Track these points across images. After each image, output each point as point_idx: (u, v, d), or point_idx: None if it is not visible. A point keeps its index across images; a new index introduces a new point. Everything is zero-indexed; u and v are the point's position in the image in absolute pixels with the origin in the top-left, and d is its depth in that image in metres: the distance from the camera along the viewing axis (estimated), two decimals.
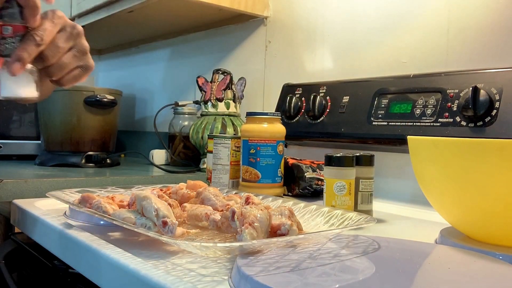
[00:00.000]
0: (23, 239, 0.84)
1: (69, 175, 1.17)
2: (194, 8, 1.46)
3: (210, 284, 0.45)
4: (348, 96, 1.12)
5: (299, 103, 1.22)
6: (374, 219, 0.61)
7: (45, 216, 0.74)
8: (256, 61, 1.49)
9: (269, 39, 1.45)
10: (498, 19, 0.93)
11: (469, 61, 0.96)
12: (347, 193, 0.79)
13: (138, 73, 2.10)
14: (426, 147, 0.60)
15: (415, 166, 0.64)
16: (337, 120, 1.12)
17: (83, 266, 0.60)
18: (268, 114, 1.01)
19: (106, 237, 0.62)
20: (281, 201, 0.78)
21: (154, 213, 0.57)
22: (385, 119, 1.02)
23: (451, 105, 0.91)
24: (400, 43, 1.09)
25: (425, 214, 0.91)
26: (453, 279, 0.44)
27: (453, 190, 0.58)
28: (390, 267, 0.47)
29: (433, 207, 0.64)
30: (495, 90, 0.86)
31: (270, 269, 0.44)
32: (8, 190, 1.00)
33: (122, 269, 0.50)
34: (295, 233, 0.57)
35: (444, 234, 0.65)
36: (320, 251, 0.52)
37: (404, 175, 1.04)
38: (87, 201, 0.69)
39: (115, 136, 1.60)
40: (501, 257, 0.53)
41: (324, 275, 0.43)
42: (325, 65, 1.27)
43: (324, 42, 1.28)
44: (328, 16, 1.26)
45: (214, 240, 0.60)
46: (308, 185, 1.01)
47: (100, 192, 0.81)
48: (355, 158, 0.82)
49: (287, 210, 0.61)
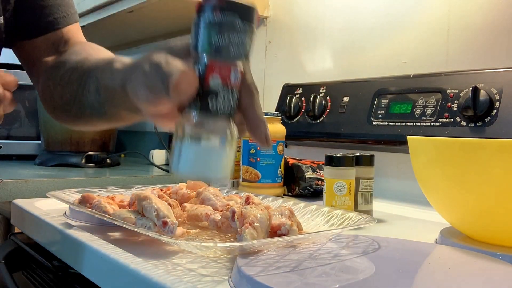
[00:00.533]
0: (23, 239, 0.84)
1: (69, 175, 1.17)
2: (194, 8, 1.46)
3: (210, 284, 0.45)
4: (348, 96, 1.12)
5: (299, 103, 1.22)
6: (374, 219, 0.61)
7: (45, 216, 0.74)
8: (256, 61, 1.49)
9: (269, 39, 1.45)
10: (498, 19, 0.93)
11: (469, 61, 0.96)
12: (347, 193, 0.79)
13: None
14: (426, 147, 0.60)
15: (415, 166, 0.64)
16: (337, 120, 1.12)
17: (83, 266, 0.60)
18: (268, 114, 1.01)
19: (106, 237, 0.62)
20: (281, 201, 0.78)
21: (154, 213, 0.57)
22: (385, 119, 1.02)
23: (451, 105, 0.91)
24: (400, 43, 1.09)
25: (425, 214, 0.91)
26: (453, 279, 0.44)
27: (453, 190, 0.58)
28: (390, 267, 0.47)
29: (433, 207, 0.64)
30: (495, 90, 0.86)
31: (270, 269, 0.44)
32: (8, 190, 1.00)
33: (122, 269, 0.50)
34: (295, 233, 0.57)
35: (444, 234, 0.65)
36: (320, 251, 0.52)
37: (404, 175, 1.04)
38: (87, 201, 0.68)
39: (115, 136, 1.60)
40: (501, 257, 0.53)
41: (324, 275, 0.43)
42: (325, 65, 1.27)
43: (324, 42, 1.27)
44: (328, 16, 1.26)
45: (214, 240, 0.60)
46: (308, 185, 1.01)
47: (100, 192, 0.81)
48: (355, 158, 0.81)
49: (287, 210, 0.61)
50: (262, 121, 0.45)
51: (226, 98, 0.42)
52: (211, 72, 0.41)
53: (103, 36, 1.97)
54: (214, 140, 0.42)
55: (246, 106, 0.44)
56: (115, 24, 1.71)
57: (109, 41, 2.14)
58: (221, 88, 0.41)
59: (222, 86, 0.41)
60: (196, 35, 0.42)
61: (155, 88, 0.41)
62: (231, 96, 0.42)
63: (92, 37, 1.89)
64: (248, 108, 0.45)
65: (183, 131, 0.42)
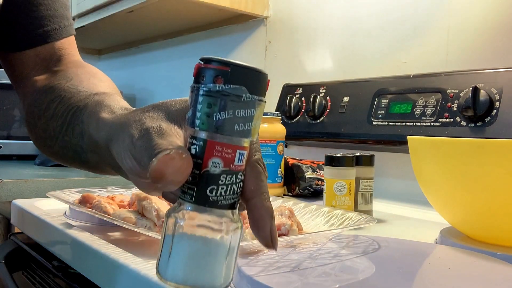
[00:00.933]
0: (23, 239, 0.84)
1: (69, 175, 1.17)
2: (194, 8, 1.46)
3: None
4: (348, 96, 1.12)
5: (299, 103, 1.22)
6: (374, 219, 0.61)
7: (45, 216, 0.74)
8: (256, 61, 1.49)
9: (269, 39, 1.45)
10: (498, 19, 0.93)
11: (469, 61, 0.96)
12: (347, 193, 0.79)
13: (138, 73, 2.10)
14: (426, 147, 0.60)
15: (415, 166, 0.64)
16: (337, 120, 1.12)
17: (83, 266, 0.60)
18: (268, 114, 1.01)
19: (106, 237, 0.62)
20: (281, 201, 0.78)
21: (155, 213, 0.57)
22: (385, 119, 1.02)
23: (451, 105, 0.91)
24: (400, 43, 1.09)
25: (425, 214, 0.91)
26: (453, 279, 0.44)
27: (453, 190, 0.58)
28: (390, 267, 0.47)
29: (433, 207, 0.64)
30: (495, 90, 0.86)
31: (270, 269, 0.44)
32: (8, 190, 1.00)
33: (122, 269, 0.50)
34: (295, 233, 0.57)
35: (444, 234, 0.65)
36: (320, 251, 0.52)
37: (404, 175, 1.04)
38: (87, 201, 0.69)
39: None
40: (501, 257, 0.53)
41: (324, 275, 0.43)
42: (325, 65, 1.27)
43: (324, 42, 1.27)
44: (328, 16, 1.26)
45: None
46: (308, 185, 1.01)
47: (100, 192, 0.81)
48: (355, 158, 0.82)
49: (287, 210, 0.61)
50: (269, 214, 0.35)
51: (229, 185, 0.33)
52: (211, 155, 0.32)
53: (103, 36, 1.97)
54: (214, 238, 0.33)
55: (251, 193, 0.35)
56: (115, 24, 1.71)
57: (109, 41, 2.14)
58: (223, 174, 0.33)
59: (224, 172, 0.33)
60: (193, 106, 0.33)
61: (141, 161, 0.33)
62: (235, 183, 0.33)
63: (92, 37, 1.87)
64: (253, 196, 0.35)
65: (174, 226, 0.33)
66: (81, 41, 2.24)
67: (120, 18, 1.59)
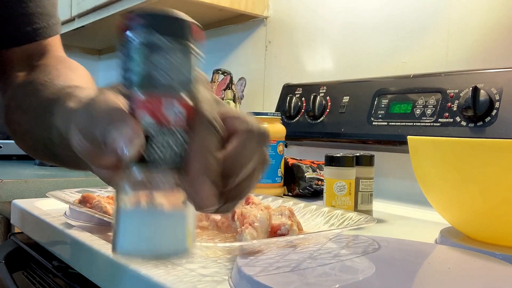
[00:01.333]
0: (23, 239, 0.84)
1: (69, 175, 1.17)
2: (194, 8, 1.46)
3: (210, 284, 0.45)
4: (348, 96, 1.12)
5: (299, 103, 1.22)
6: (374, 219, 0.61)
7: (45, 216, 0.74)
8: (256, 61, 1.49)
9: (269, 39, 1.45)
10: (498, 19, 0.93)
11: (469, 61, 0.96)
12: (347, 193, 0.79)
13: None
14: (426, 147, 0.60)
15: (415, 166, 0.64)
16: (337, 120, 1.12)
17: (83, 266, 0.60)
18: (268, 114, 1.01)
19: (106, 237, 0.62)
20: (281, 201, 0.78)
21: None
22: (385, 119, 1.02)
23: (451, 105, 0.91)
24: (400, 43, 1.09)
25: (425, 214, 0.91)
26: (453, 279, 0.44)
27: (453, 190, 0.58)
28: (390, 267, 0.47)
29: (433, 207, 0.64)
30: (495, 90, 0.86)
31: (270, 269, 0.44)
32: (8, 190, 1.00)
33: (122, 269, 0.50)
34: (295, 233, 0.57)
35: (444, 234, 0.65)
36: (320, 251, 0.52)
37: (404, 175, 1.04)
38: (87, 201, 0.69)
39: None
40: (501, 257, 0.53)
41: (324, 275, 0.43)
42: (325, 65, 1.27)
43: (324, 42, 1.28)
44: (328, 16, 1.26)
45: (214, 240, 0.60)
46: (308, 185, 1.01)
47: (100, 192, 0.81)
48: (355, 158, 0.82)
49: (287, 210, 0.61)
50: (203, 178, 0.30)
51: (166, 143, 0.30)
52: (138, 109, 0.30)
53: (103, 36, 1.97)
54: (160, 203, 0.30)
55: (190, 152, 0.31)
56: (115, 24, 1.71)
57: (109, 41, 2.14)
58: (155, 129, 0.30)
59: (156, 127, 0.30)
60: (120, 63, 0.32)
61: (88, 136, 0.31)
62: (174, 140, 0.30)
63: (92, 37, 1.87)
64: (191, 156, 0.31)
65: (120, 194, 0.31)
66: (81, 41, 2.24)
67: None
